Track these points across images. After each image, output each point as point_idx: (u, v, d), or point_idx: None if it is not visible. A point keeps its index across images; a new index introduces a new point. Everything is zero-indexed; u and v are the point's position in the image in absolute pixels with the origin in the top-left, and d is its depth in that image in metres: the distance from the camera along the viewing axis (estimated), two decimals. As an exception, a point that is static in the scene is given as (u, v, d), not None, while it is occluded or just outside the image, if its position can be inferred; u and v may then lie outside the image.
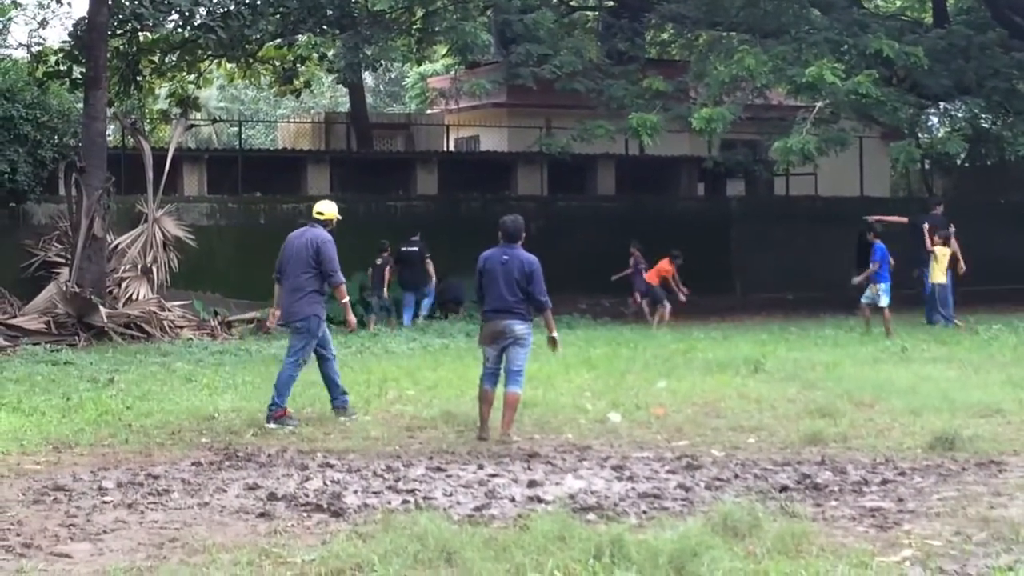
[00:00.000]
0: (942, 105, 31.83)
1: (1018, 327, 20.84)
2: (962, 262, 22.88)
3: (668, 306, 23.60)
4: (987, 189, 40.15)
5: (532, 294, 11.57)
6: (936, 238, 22.51)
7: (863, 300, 21.34)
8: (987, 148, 39.56)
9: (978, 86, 27.13)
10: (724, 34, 29.20)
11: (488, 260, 11.76)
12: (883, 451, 10.71)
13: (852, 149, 29.52)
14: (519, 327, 11.60)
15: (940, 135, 32.41)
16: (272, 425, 12.27)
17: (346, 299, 13.20)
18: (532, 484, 9.45)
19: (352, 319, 13.41)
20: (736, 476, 9.78)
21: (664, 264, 24.12)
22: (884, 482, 9.48)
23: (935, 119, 35.09)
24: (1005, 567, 6.93)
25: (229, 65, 29.71)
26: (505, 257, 11.64)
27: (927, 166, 40.97)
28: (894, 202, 37.16)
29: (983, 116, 31.63)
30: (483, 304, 11.89)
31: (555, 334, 11.99)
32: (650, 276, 24.08)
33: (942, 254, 22.42)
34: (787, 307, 25.06)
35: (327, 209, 13.27)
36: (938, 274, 22.39)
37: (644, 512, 8.56)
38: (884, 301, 20.92)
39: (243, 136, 36.03)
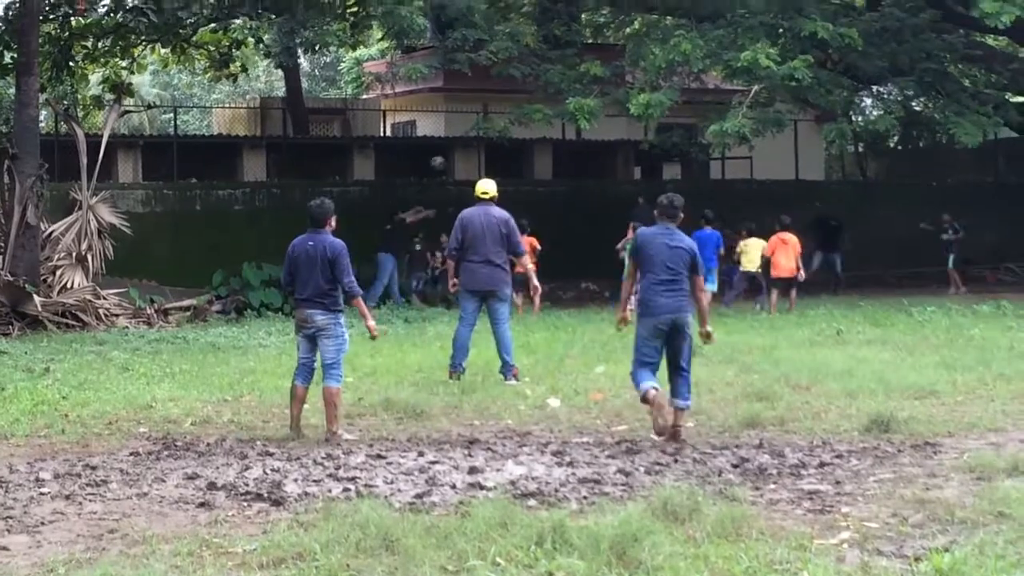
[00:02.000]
0: (875, 88, 32.08)
1: (951, 309, 21.08)
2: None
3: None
4: (920, 172, 40.52)
5: (339, 281, 11.12)
6: (743, 231, 23.87)
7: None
8: (920, 131, 39.96)
9: (911, 68, 27.37)
10: (660, 18, 29.30)
11: (295, 247, 11.38)
12: (820, 434, 10.82)
13: (787, 133, 29.71)
14: (320, 317, 11.14)
15: (873, 117, 32.66)
16: (513, 382, 13.90)
17: (531, 266, 15.36)
18: (473, 471, 9.46)
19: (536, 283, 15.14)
20: (675, 460, 9.84)
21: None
22: (821, 465, 9.57)
23: (869, 101, 35.34)
24: (941, 548, 7.02)
25: (163, 50, 29.44)
26: (311, 243, 11.25)
27: (861, 149, 41.39)
28: (828, 184, 37.56)
29: (916, 98, 31.92)
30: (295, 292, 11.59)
31: (371, 323, 11.55)
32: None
33: (753, 246, 23.38)
34: (724, 290, 25.05)
35: (493, 188, 14.80)
36: (747, 264, 23.51)
37: (585, 497, 8.59)
38: (713, 285, 21.36)
39: (178, 122, 35.70)
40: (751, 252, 23.32)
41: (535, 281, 15.01)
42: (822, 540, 7.35)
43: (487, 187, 14.73)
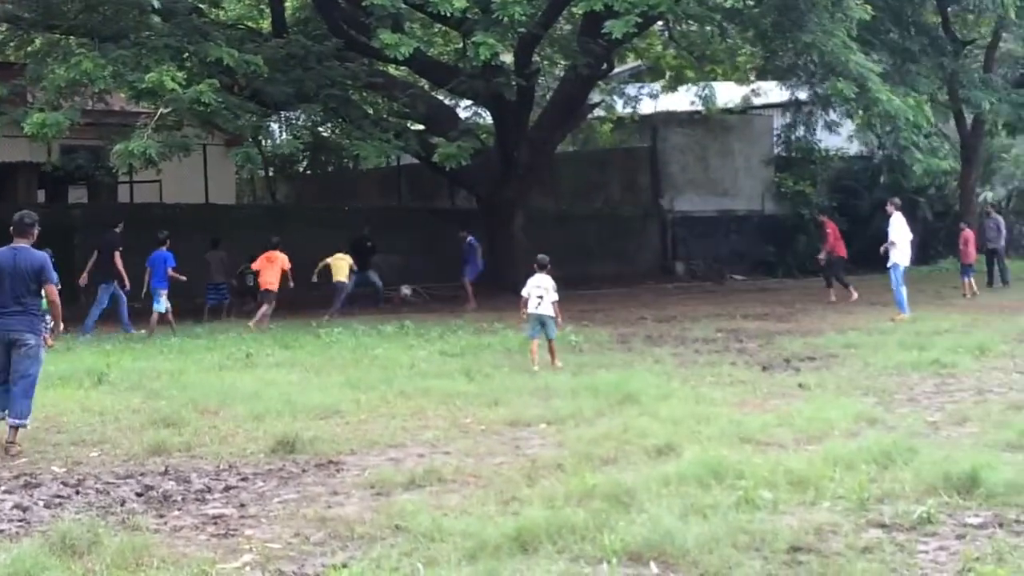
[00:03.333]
0: (284, 114, 32.59)
1: (357, 329, 21.68)
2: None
3: None
4: (329, 196, 41.59)
5: None
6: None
7: (157, 309, 22.80)
8: (327, 156, 41.07)
9: (317, 95, 28.01)
10: (62, 37, 28.42)
11: None
12: (227, 458, 10.79)
13: (197, 156, 29.62)
14: None
15: (280, 142, 33.20)
16: None
17: None
18: None
19: None
20: (77, 492, 9.52)
21: None
22: (227, 488, 9.56)
23: (277, 127, 35.87)
24: (340, 564, 7.18)
25: None
26: None
27: (271, 173, 41.95)
28: (240, 209, 37.74)
29: (323, 124, 32.74)
30: None
31: None
32: None
33: (340, 259, 26.29)
34: (133, 316, 24.58)
35: None
36: (337, 275, 26.41)
37: (-24, 538, 8.14)
38: (162, 306, 22.68)
39: None
40: (338, 264, 26.24)
41: None
42: (224, 564, 7.33)
43: None
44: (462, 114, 35.76)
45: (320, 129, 34.00)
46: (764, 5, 27.91)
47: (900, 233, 23.04)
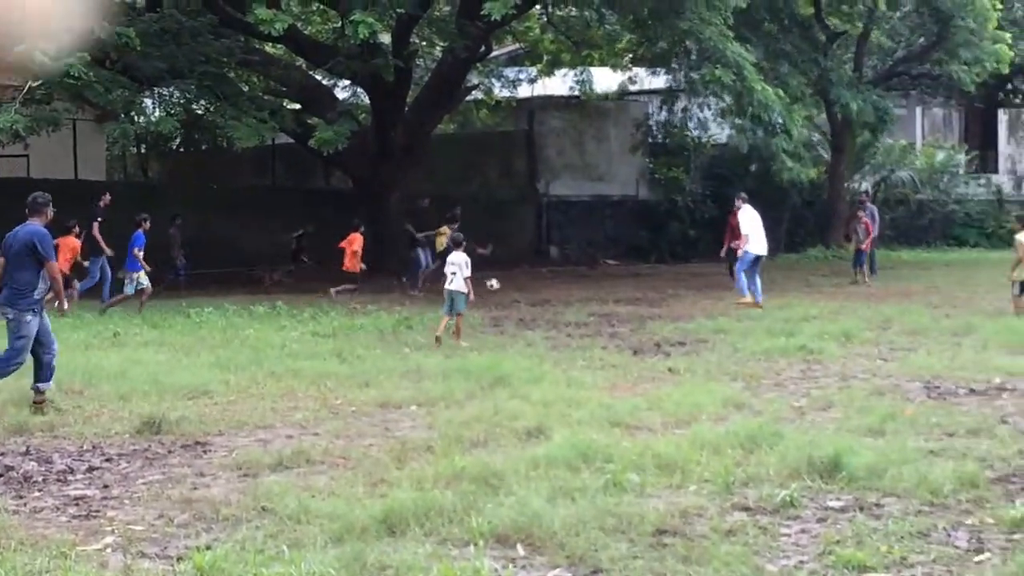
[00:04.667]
0: (157, 89, 32.07)
1: (228, 310, 21.44)
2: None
3: None
4: (203, 174, 40.99)
5: None
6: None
7: (131, 289, 22.33)
8: (201, 133, 40.46)
9: (191, 71, 27.58)
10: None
11: None
12: (91, 438, 10.63)
13: (67, 131, 28.99)
14: None
15: (155, 118, 32.67)
16: None
17: None
18: None
19: None
20: (-72, 473, 9.31)
21: None
22: (90, 469, 9.41)
23: (150, 103, 35.25)
24: (204, 546, 7.09)
25: None
26: None
27: (143, 150, 41.29)
28: (110, 186, 37.04)
29: (197, 101, 32.23)
30: None
31: None
32: None
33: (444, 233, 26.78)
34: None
35: None
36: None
37: None
38: (139, 284, 22.20)
39: None
40: (440, 239, 26.74)
41: None
42: (85, 546, 7.21)
43: None
44: (340, 94, 35.50)
45: (194, 106, 33.48)
46: (643, -9, 28.06)
47: (751, 225, 23.28)
